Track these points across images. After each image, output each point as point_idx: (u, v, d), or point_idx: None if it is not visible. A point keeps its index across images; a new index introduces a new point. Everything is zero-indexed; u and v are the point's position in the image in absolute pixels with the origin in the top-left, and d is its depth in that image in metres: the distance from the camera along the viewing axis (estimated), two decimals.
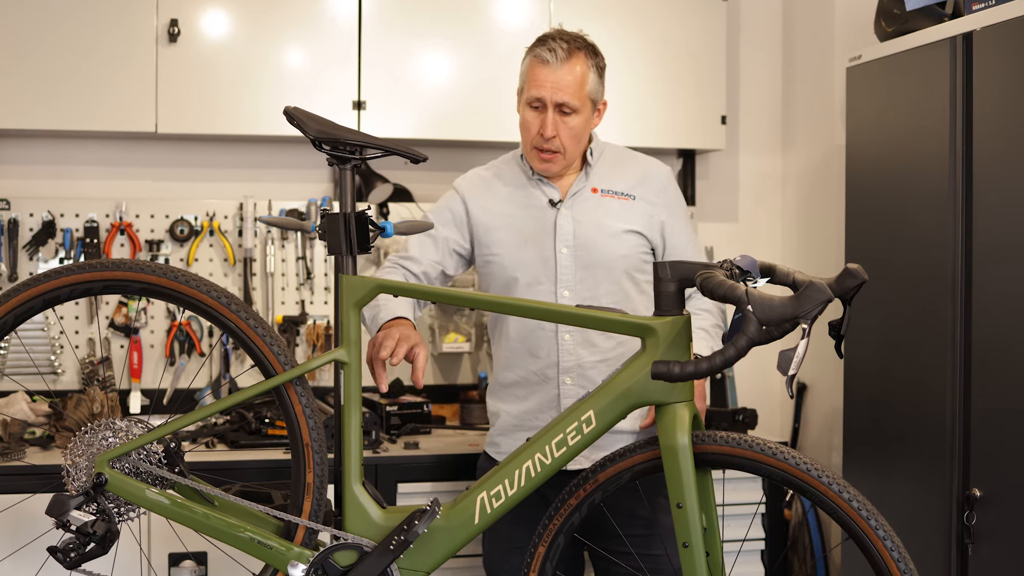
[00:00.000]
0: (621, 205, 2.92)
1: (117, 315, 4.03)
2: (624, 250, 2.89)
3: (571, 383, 2.85)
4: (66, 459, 2.36)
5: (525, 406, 2.91)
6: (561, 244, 2.88)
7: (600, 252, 2.88)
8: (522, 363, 2.92)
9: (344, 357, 2.32)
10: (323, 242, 2.40)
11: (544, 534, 2.37)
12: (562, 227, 2.89)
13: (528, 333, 2.89)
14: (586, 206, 2.92)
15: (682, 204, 3.02)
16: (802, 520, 4.18)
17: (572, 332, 2.85)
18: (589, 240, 2.88)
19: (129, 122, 3.84)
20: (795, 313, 1.99)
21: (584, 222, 2.90)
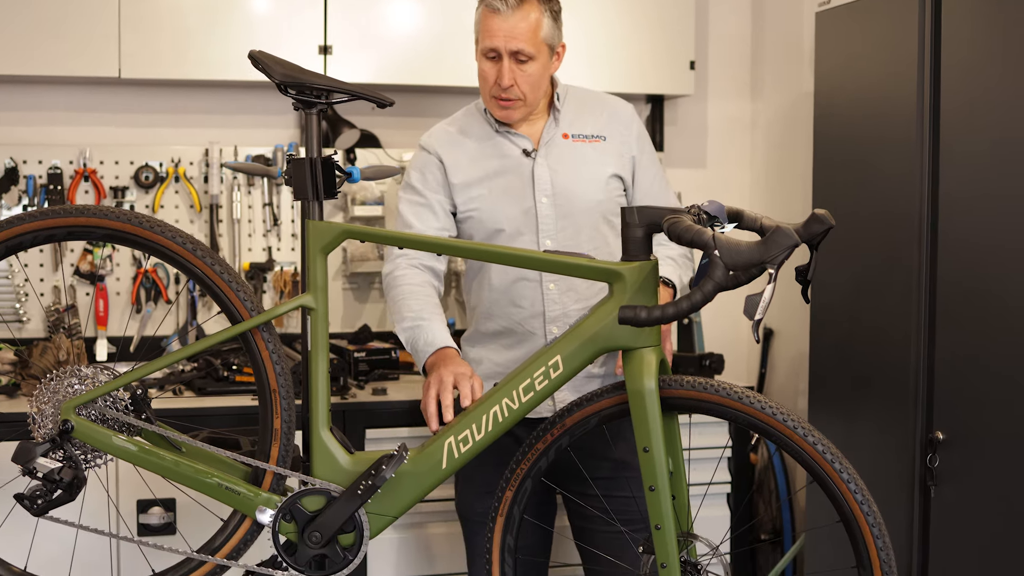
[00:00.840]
0: (594, 148, 2.91)
1: (82, 262, 4.00)
2: (601, 195, 2.88)
3: (558, 331, 2.85)
4: (32, 406, 2.35)
5: (512, 355, 2.90)
6: (540, 194, 2.86)
7: (579, 199, 2.87)
8: (505, 313, 2.90)
9: (311, 303, 2.31)
10: (289, 188, 2.38)
11: (511, 478, 2.39)
12: (540, 177, 2.87)
13: (511, 283, 2.88)
14: (561, 154, 2.90)
15: (649, 141, 3.01)
16: (767, 464, 4.22)
17: (557, 281, 2.85)
18: (567, 188, 2.87)
19: (92, 67, 3.79)
20: (762, 258, 1.99)
21: (560, 170, 2.88)
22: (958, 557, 2.89)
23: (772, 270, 2.00)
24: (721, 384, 2.21)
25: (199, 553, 2.36)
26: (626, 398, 2.22)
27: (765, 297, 1.99)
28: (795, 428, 2.15)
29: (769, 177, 4.53)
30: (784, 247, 1.99)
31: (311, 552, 2.30)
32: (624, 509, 2.77)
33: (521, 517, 2.41)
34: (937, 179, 2.95)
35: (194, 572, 2.37)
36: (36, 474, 2.28)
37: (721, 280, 2.01)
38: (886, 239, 3.12)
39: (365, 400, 3.54)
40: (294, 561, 2.31)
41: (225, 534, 2.37)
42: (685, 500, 2.31)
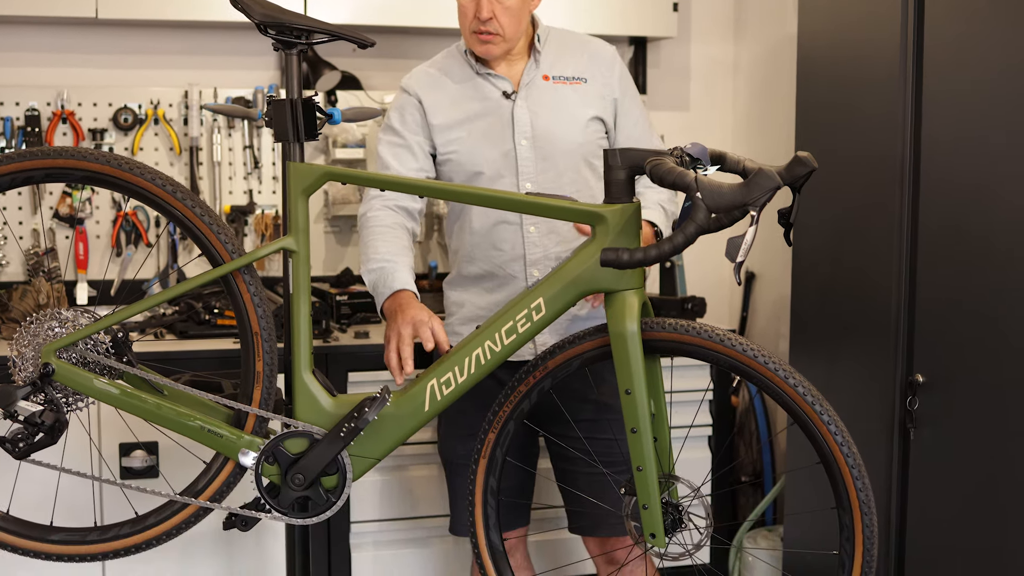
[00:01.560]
0: (574, 90, 2.88)
1: (61, 205, 3.97)
2: (582, 137, 2.86)
3: (539, 275, 2.84)
4: (12, 350, 2.34)
5: (494, 298, 2.90)
6: (520, 136, 2.84)
7: (559, 142, 2.85)
8: (486, 256, 2.89)
9: (292, 245, 2.30)
10: (270, 129, 2.36)
11: (494, 421, 2.39)
12: (519, 119, 2.85)
13: (491, 226, 2.87)
14: (541, 96, 2.88)
15: (632, 83, 2.98)
16: (748, 406, 4.24)
17: (537, 224, 2.83)
18: (547, 130, 2.85)
19: (69, 7, 3.74)
20: (744, 200, 1.99)
21: (540, 112, 2.86)
22: (937, 498, 2.92)
23: (754, 212, 2.00)
24: (703, 327, 2.22)
25: (182, 496, 2.36)
26: (608, 340, 2.22)
27: (747, 239, 1.99)
28: (776, 370, 2.16)
29: (752, 120, 4.52)
30: (766, 189, 1.99)
31: (294, 494, 2.31)
32: (606, 451, 2.78)
33: (504, 459, 2.42)
34: (920, 120, 2.95)
35: (177, 515, 2.38)
36: (17, 417, 2.28)
37: (703, 222, 2.00)
38: (869, 181, 3.12)
39: (347, 343, 3.54)
40: (277, 503, 2.32)
41: (208, 477, 2.37)
42: (667, 442, 2.33)
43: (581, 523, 2.94)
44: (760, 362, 2.17)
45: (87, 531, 2.40)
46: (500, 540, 2.46)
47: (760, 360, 2.17)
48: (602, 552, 2.94)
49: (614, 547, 2.91)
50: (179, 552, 3.43)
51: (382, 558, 3.59)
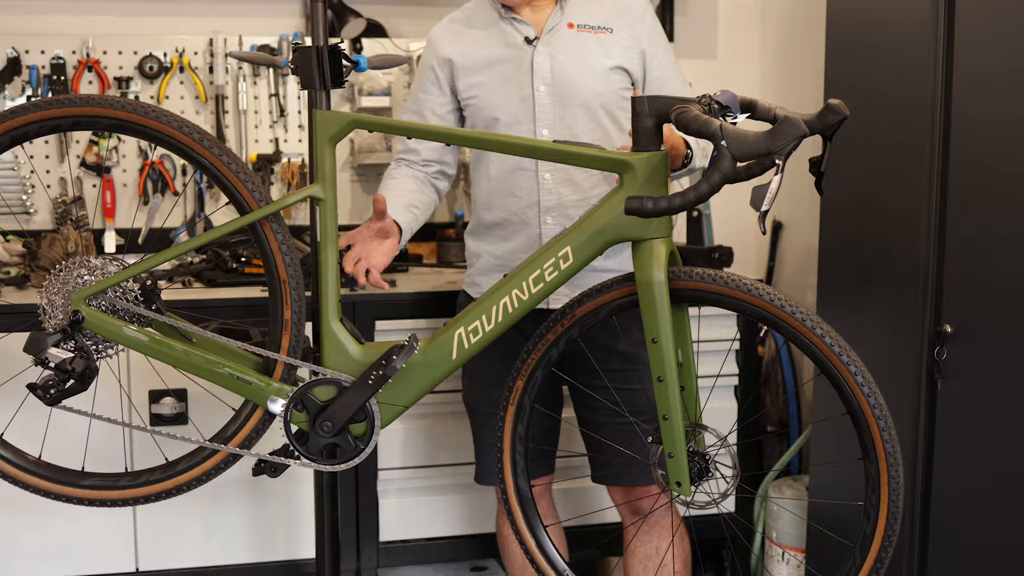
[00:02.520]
0: (598, 40, 2.86)
1: (88, 154, 3.98)
2: (602, 87, 2.84)
3: (552, 223, 2.85)
4: (42, 298, 2.36)
5: (507, 247, 2.91)
6: (539, 82, 2.83)
7: (578, 89, 2.83)
8: (502, 203, 2.90)
9: (319, 193, 2.30)
10: (296, 77, 2.36)
11: (522, 368, 2.40)
12: (539, 65, 2.84)
13: (508, 173, 2.87)
14: (563, 43, 2.86)
15: (662, 34, 2.96)
16: (775, 356, 4.24)
17: (552, 171, 2.83)
18: (567, 77, 2.83)
19: None
20: (769, 148, 1.97)
21: (561, 59, 2.84)
22: (963, 450, 2.91)
23: (779, 161, 1.98)
24: (730, 276, 2.21)
25: (212, 442, 2.38)
26: (635, 289, 2.22)
27: (772, 188, 1.98)
28: (803, 320, 2.15)
29: (780, 66, 4.48)
30: (792, 137, 1.97)
31: (323, 441, 2.32)
32: (630, 401, 2.79)
33: (532, 407, 2.42)
34: (952, 61, 2.90)
35: (207, 461, 2.40)
36: (48, 364, 2.29)
37: (728, 171, 1.99)
38: (899, 126, 3.09)
39: (374, 292, 3.54)
40: (306, 450, 2.34)
41: (237, 424, 2.39)
42: (693, 391, 2.32)
43: (604, 472, 2.96)
44: (787, 312, 2.16)
45: (118, 476, 2.43)
46: (528, 487, 2.48)
47: (787, 310, 2.16)
48: (626, 501, 2.96)
49: (638, 496, 2.92)
50: (209, 498, 3.47)
51: (409, 505, 3.62)
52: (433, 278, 3.81)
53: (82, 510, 2.50)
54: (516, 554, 3.04)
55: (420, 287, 3.61)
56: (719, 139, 1.97)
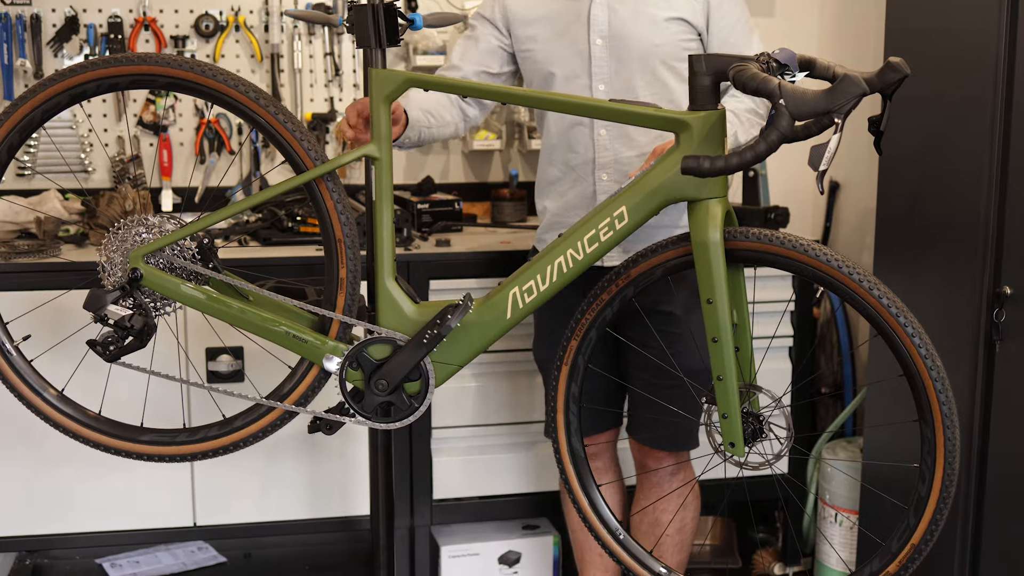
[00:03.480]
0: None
1: (145, 113, 4.01)
2: (661, 39, 2.81)
3: (607, 179, 2.83)
4: (101, 255, 2.39)
5: (565, 200, 2.91)
6: (596, 35, 2.81)
7: (636, 42, 2.80)
8: (561, 158, 2.90)
9: (375, 152, 2.31)
10: (351, 35, 2.35)
11: (576, 328, 2.40)
12: (596, 17, 2.81)
13: (566, 129, 2.86)
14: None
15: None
16: (830, 317, 4.21)
17: (608, 127, 2.81)
18: (624, 30, 2.81)
19: None
20: (828, 107, 1.95)
21: (619, 11, 2.81)
22: (1021, 412, 2.88)
23: (838, 120, 1.96)
24: (786, 236, 2.19)
25: (268, 399, 2.40)
26: (691, 249, 2.20)
27: (830, 147, 1.95)
28: (860, 281, 2.13)
29: (839, 25, 4.42)
30: (851, 96, 1.94)
31: (377, 399, 2.34)
32: (668, 362, 2.78)
33: (586, 366, 2.43)
34: (1017, 13, 2.85)
35: (263, 418, 2.43)
36: (107, 321, 2.32)
37: (786, 130, 1.97)
38: (960, 84, 3.04)
39: (429, 251, 3.55)
40: (361, 408, 2.36)
41: (293, 381, 2.41)
42: (748, 352, 2.31)
43: (629, 424, 3.00)
44: (844, 272, 2.14)
45: (176, 432, 2.46)
46: (581, 446, 2.48)
47: (844, 270, 2.14)
48: (640, 458, 2.98)
49: (647, 456, 2.94)
50: (265, 454, 3.51)
51: (462, 463, 3.64)
52: (487, 238, 3.81)
53: (141, 465, 2.53)
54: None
55: (474, 247, 3.61)
56: (777, 97, 1.95)
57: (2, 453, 3.37)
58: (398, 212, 3.53)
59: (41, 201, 3.67)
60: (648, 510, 2.96)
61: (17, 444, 3.35)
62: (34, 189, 3.86)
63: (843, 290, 2.16)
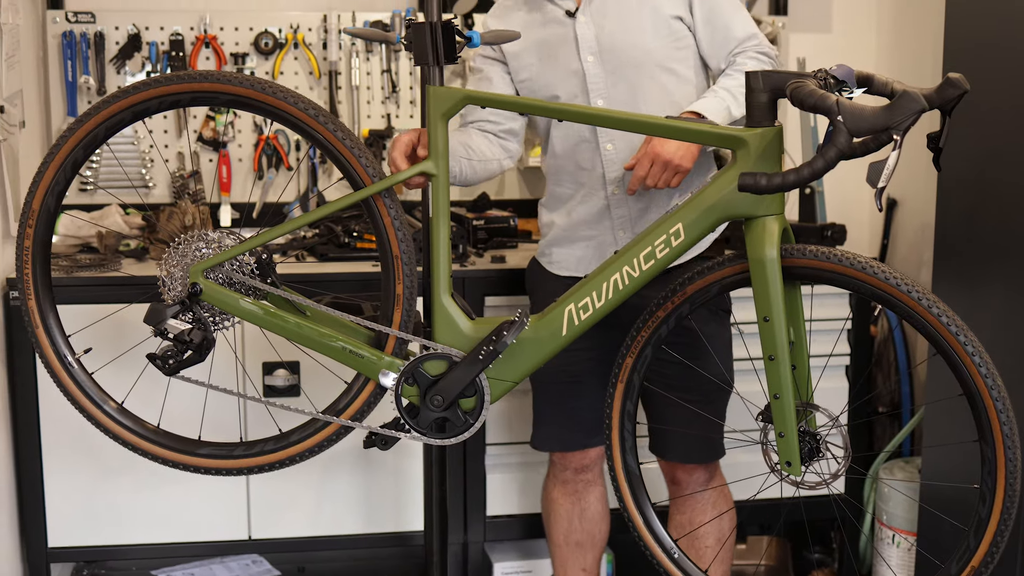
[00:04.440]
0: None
1: (205, 129, 4.06)
2: (652, 43, 2.76)
3: (618, 193, 2.82)
4: (161, 270, 2.42)
5: (573, 217, 2.89)
6: (586, 53, 2.78)
7: (627, 52, 2.76)
8: (571, 176, 2.87)
9: (431, 169, 2.32)
10: (409, 53, 2.37)
11: (632, 345, 2.39)
12: (583, 36, 2.78)
13: (572, 147, 2.84)
14: (604, 7, 2.78)
15: None
16: (888, 336, 4.17)
17: (615, 141, 2.78)
18: (613, 41, 2.77)
19: None
20: (886, 123, 1.94)
21: (605, 25, 2.77)
22: None
23: (897, 136, 1.95)
24: (844, 253, 2.18)
25: (324, 414, 2.42)
26: (747, 267, 2.20)
27: (889, 164, 1.94)
28: (919, 299, 2.12)
29: (897, 40, 4.38)
30: (910, 112, 1.93)
31: (433, 415, 2.35)
32: (687, 375, 2.77)
33: (641, 384, 2.42)
34: None
35: (319, 432, 2.44)
36: (167, 335, 2.35)
37: (844, 147, 1.96)
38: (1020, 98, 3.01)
39: (484, 267, 3.56)
40: (416, 424, 2.36)
41: (349, 396, 2.43)
42: (805, 371, 2.30)
43: (653, 443, 2.98)
44: (903, 290, 2.13)
45: (233, 446, 2.48)
46: (636, 464, 2.48)
47: (903, 288, 2.13)
48: (671, 475, 2.96)
49: (679, 472, 2.92)
50: (320, 469, 3.53)
51: (516, 480, 3.64)
52: None
53: (197, 478, 2.55)
54: (560, 519, 3.06)
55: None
56: (835, 114, 1.94)
57: (61, 464, 3.41)
58: (454, 228, 3.54)
59: (103, 216, 3.72)
60: (685, 525, 2.94)
61: (76, 455, 3.39)
62: (96, 204, 3.91)
63: (901, 308, 2.14)
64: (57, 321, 2.49)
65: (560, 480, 3.04)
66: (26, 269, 2.45)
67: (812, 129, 3.88)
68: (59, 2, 3.97)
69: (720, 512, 2.95)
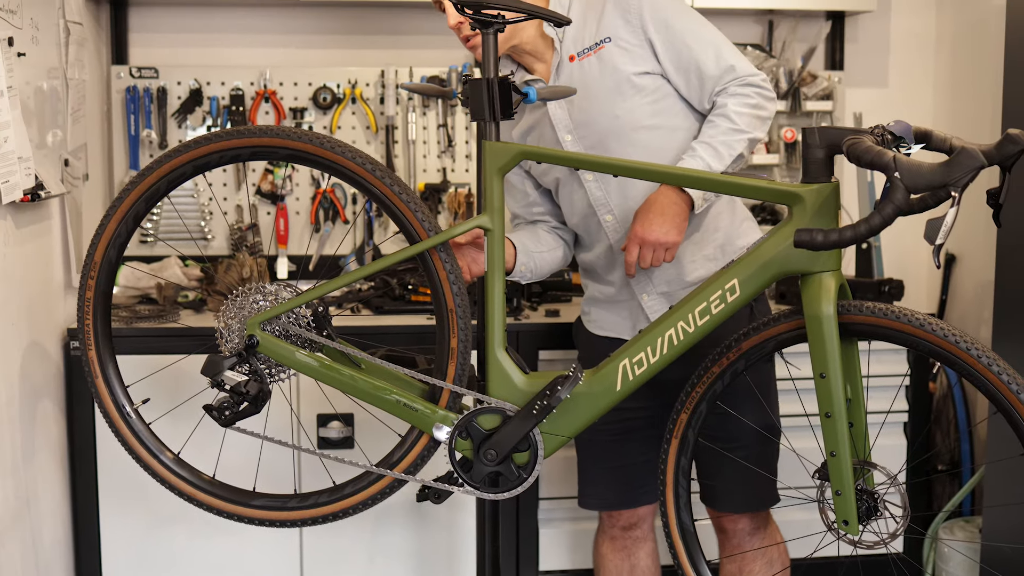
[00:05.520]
0: (599, 59, 2.65)
1: (263, 182, 4.11)
2: (622, 107, 2.65)
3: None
4: (219, 321, 2.44)
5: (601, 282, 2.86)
6: (563, 133, 2.72)
7: (599, 123, 2.67)
8: (587, 245, 2.86)
9: (487, 224, 2.33)
10: (465, 108, 2.39)
11: (687, 401, 2.38)
12: (556, 116, 2.71)
13: (581, 219, 2.79)
14: (568, 83, 2.68)
15: (664, 7, 2.63)
16: (947, 393, 4.12)
17: (613, 212, 2.72)
18: (584, 117, 2.69)
19: None
20: (944, 180, 1.93)
21: (573, 101, 2.70)
22: None
23: (955, 193, 1.93)
24: (902, 310, 2.16)
25: (378, 467, 2.42)
26: (804, 323, 2.18)
27: (947, 221, 1.93)
28: (979, 357, 2.09)
29: (955, 96, 4.36)
30: (968, 169, 1.92)
31: (486, 469, 2.34)
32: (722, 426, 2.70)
33: (696, 439, 2.40)
34: None
35: (373, 485, 2.44)
36: (224, 386, 2.37)
37: (901, 203, 1.95)
38: None
39: (538, 321, 3.56)
40: (469, 478, 2.36)
41: (403, 449, 2.43)
42: (863, 428, 2.28)
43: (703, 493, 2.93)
44: (962, 348, 2.10)
45: (287, 498, 2.48)
46: (691, 521, 2.45)
47: (962, 346, 2.10)
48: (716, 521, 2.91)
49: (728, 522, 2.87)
50: (373, 522, 3.53)
51: (568, 535, 3.61)
52: None
53: (251, 528, 2.56)
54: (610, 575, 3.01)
55: None
56: (892, 171, 1.93)
57: (118, 512, 3.44)
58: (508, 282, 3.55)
59: (162, 267, 3.77)
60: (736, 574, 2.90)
61: (132, 503, 3.42)
62: (156, 255, 3.97)
63: (960, 366, 2.12)
64: (116, 371, 2.52)
65: (609, 536, 3.01)
66: (87, 320, 2.48)
67: (869, 184, 3.86)
68: (124, 57, 4.05)
69: (776, 571, 2.91)
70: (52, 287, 3.30)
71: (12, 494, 2.87)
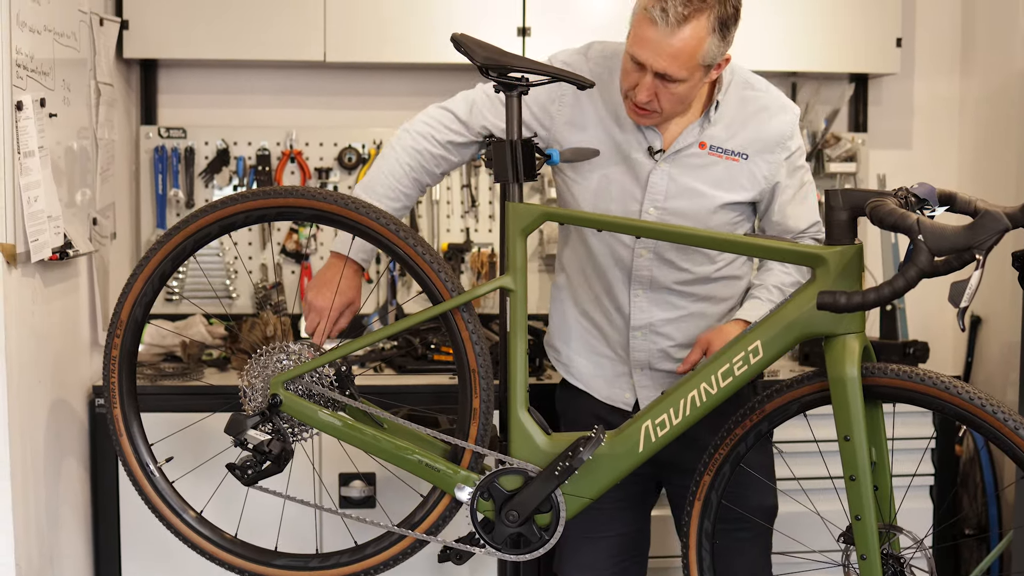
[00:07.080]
0: (727, 169, 2.62)
1: (288, 241, 4.13)
2: (714, 220, 2.65)
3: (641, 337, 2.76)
4: (242, 380, 2.45)
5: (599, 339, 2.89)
6: (649, 203, 2.64)
7: (685, 217, 2.63)
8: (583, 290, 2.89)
9: (510, 284, 2.34)
10: (489, 170, 2.41)
11: (710, 463, 2.37)
12: (655, 184, 2.63)
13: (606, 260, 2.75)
14: (689, 164, 2.62)
15: (800, 157, 2.69)
16: (974, 456, 4.08)
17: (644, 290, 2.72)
18: (680, 205, 2.63)
19: (298, 51, 3.91)
20: (968, 243, 1.93)
21: (681, 182, 2.62)
22: None
23: (979, 255, 1.93)
24: (927, 373, 2.15)
25: (400, 527, 2.41)
26: (827, 385, 2.18)
27: (972, 283, 1.93)
28: (1005, 420, 2.08)
29: (979, 159, 4.36)
30: (993, 231, 1.92)
31: (508, 530, 2.33)
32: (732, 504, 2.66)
33: (719, 502, 2.39)
34: None
35: (394, 545, 2.44)
36: (247, 445, 2.37)
37: (925, 266, 1.95)
38: None
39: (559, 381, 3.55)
40: (491, 539, 2.35)
41: (424, 510, 2.42)
42: (888, 491, 2.26)
43: None
44: (988, 411, 2.09)
45: (309, 557, 2.48)
46: None
47: (988, 409, 2.09)
48: None
49: None
50: None
51: None
52: None
53: None
54: None
55: None
56: (916, 233, 1.94)
57: (140, 570, 3.43)
58: (531, 342, 3.55)
59: (187, 325, 3.79)
60: None
61: (155, 562, 3.41)
62: (180, 314, 3.99)
63: (987, 429, 2.10)
64: (140, 429, 2.53)
65: None
66: (112, 378, 2.49)
67: (893, 246, 3.86)
68: (153, 118, 4.10)
69: None
70: (79, 345, 3.32)
71: (36, 552, 2.86)
